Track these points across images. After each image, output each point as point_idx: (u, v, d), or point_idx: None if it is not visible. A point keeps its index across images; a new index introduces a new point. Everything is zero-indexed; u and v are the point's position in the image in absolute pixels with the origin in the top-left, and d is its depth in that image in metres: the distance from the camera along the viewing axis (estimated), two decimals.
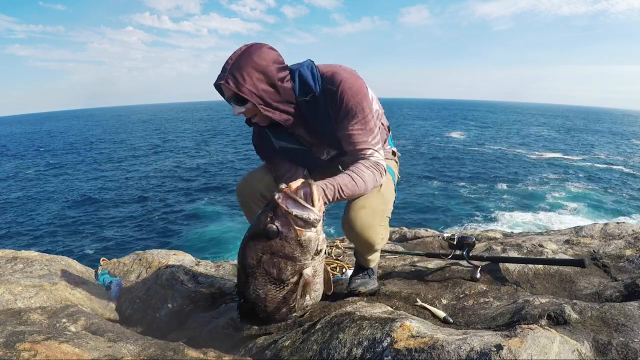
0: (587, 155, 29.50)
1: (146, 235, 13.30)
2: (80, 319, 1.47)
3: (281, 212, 1.09)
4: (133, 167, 26.53)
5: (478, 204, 16.39)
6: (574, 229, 2.66)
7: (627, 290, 1.47)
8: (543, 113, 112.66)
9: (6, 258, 2.09)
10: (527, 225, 13.76)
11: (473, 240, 1.90)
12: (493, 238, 2.86)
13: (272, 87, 1.24)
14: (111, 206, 17.03)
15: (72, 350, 1.11)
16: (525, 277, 1.76)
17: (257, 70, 1.20)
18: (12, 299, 1.67)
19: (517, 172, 22.93)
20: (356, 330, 1.21)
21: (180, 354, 1.20)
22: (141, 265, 2.57)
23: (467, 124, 61.48)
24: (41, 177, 24.23)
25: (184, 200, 17.45)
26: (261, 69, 1.20)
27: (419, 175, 21.93)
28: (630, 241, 2.05)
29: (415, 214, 15.08)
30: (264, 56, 1.22)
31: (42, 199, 18.73)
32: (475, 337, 1.03)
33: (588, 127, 61.96)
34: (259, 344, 1.45)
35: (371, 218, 1.37)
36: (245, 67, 1.19)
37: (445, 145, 33.99)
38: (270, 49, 1.26)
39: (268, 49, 1.24)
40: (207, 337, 1.68)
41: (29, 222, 15.14)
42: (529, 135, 44.72)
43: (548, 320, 1.22)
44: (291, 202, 1.08)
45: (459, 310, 1.52)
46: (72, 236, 13.55)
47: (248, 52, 1.21)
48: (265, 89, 1.22)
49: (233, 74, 1.19)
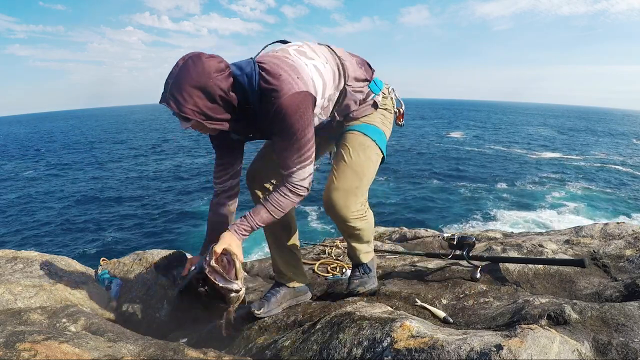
0: (587, 155, 29.51)
1: (146, 235, 13.30)
2: (80, 319, 1.47)
3: (209, 282, 1.31)
4: (133, 167, 26.53)
5: (478, 204, 16.39)
6: (574, 229, 2.66)
7: (627, 290, 1.47)
8: (543, 113, 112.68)
9: (6, 258, 2.09)
10: (527, 223, 13.77)
11: (473, 240, 1.90)
12: (493, 238, 2.86)
13: (214, 102, 1.21)
14: (111, 206, 17.03)
15: (72, 350, 1.11)
16: (525, 277, 1.76)
17: (197, 88, 1.16)
18: (12, 299, 1.67)
19: (517, 172, 22.93)
20: (356, 330, 1.21)
21: (180, 354, 1.20)
22: (141, 265, 2.57)
23: (467, 124, 61.49)
24: (41, 177, 24.24)
25: (184, 200, 17.45)
26: (201, 86, 1.17)
27: (419, 175, 21.93)
28: (630, 241, 2.05)
29: (415, 214, 15.08)
30: (203, 70, 1.17)
31: (42, 199, 18.73)
32: (475, 337, 1.03)
33: (588, 127, 61.97)
34: (259, 344, 1.45)
35: (343, 199, 1.46)
36: (185, 86, 1.16)
37: (445, 145, 33.99)
38: (210, 57, 1.21)
39: (207, 59, 1.19)
40: (207, 337, 1.68)
41: (29, 222, 15.14)
42: (529, 135, 44.72)
43: (548, 320, 1.22)
44: (218, 276, 1.30)
45: (459, 310, 1.52)
46: (72, 236, 13.55)
47: (186, 69, 1.17)
48: (207, 105, 1.20)
49: (173, 94, 1.17)
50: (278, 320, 1.60)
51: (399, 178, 21.11)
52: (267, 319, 1.64)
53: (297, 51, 1.34)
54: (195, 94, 1.17)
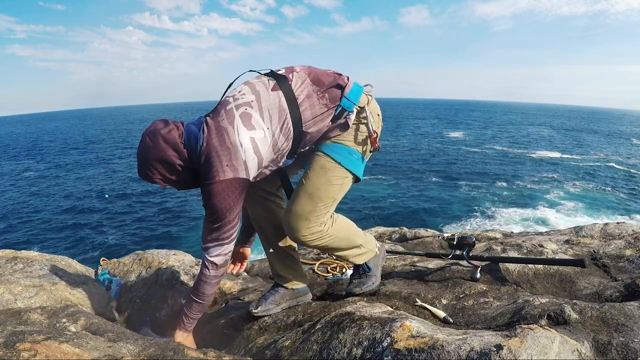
0: (587, 155, 29.51)
1: (146, 235, 13.31)
2: (80, 319, 1.47)
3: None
4: (133, 167, 26.51)
5: (478, 204, 16.39)
6: (574, 229, 2.66)
7: (627, 290, 1.47)
8: (543, 113, 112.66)
9: (6, 258, 2.09)
10: (526, 222, 13.78)
11: (473, 240, 1.90)
12: (493, 238, 2.86)
13: (175, 170, 1.39)
14: (112, 206, 17.04)
15: (72, 350, 1.11)
16: (525, 277, 1.76)
17: (158, 161, 1.36)
18: (12, 299, 1.67)
19: (517, 171, 22.93)
20: (356, 330, 1.21)
21: (180, 354, 1.20)
22: (141, 265, 2.57)
23: (467, 123, 61.48)
24: (41, 177, 24.23)
25: (184, 200, 17.45)
26: (160, 159, 1.36)
27: (419, 175, 21.94)
28: (630, 241, 2.05)
29: (415, 214, 15.09)
30: (160, 145, 1.35)
31: (42, 199, 18.73)
32: (475, 337, 1.03)
33: (588, 127, 61.97)
34: (259, 344, 1.45)
35: (294, 222, 1.48)
36: (149, 161, 1.37)
37: (445, 145, 33.99)
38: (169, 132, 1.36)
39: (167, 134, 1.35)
40: (207, 337, 1.68)
41: (29, 222, 15.14)
42: (529, 135, 44.73)
43: (548, 320, 1.22)
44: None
45: (459, 310, 1.52)
46: (72, 236, 13.56)
47: (146, 146, 1.36)
48: (171, 173, 1.40)
49: (144, 170, 1.39)
50: (278, 320, 1.60)
51: (399, 178, 21.12)
52: (267, 318, 1.63)
53: (243, 116, 1.33)
54: (158, 167, 1.37)
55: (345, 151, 1.49)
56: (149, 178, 1.41)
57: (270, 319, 1.62)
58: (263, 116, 1.36)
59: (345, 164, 1.48)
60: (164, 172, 1.39)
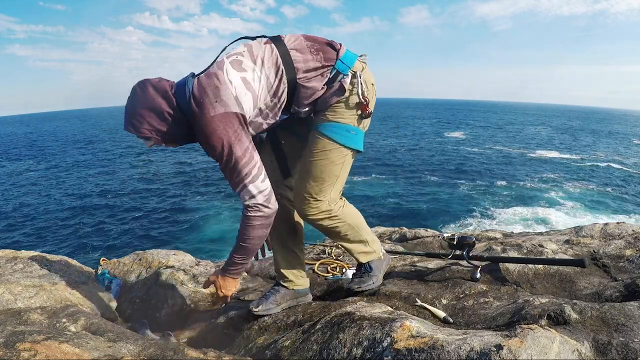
0: (587, 155, 29.51)
1: (146, 235, 13.30)
2: (80, 319, 1.47)
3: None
4: (133, 166, 26.53)
5: (478, 204, 16.39)
6: (574, 229, 2.66)
7: (627, 290, 1.47)
8: (543, 113, 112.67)
9: (6, 258, 2.09)
10: (526, 222, 13.77)
11: (473, 240, 1.90)
12: (493, 238, 2.86)
13: (164, 120, 1.35)
14: (111, 206, 17.03)
15: (72, 350, 1.11)
16: (525, 277, 1.76)
17: (147, 109, 1.33)
18: (12, 299, 1.67)
19: (517, 171, 22.93)
20: (356, 330, 1.21)
21: (180, 354, 1.20)
22: (141, 265, 2.58)
23: (467, 123, 61.48)
24: (41, 177, 24.24)
25: (184, 200, 17.45)
26: (150, 107, 1.33)
27: (419, 175, 21.94)
28: (630, 241, 2.05)
29: (415, 214, 15.09)
30: (149, 93, 1.32)
31: (42, 199, 18.73)
32: (475, 337, 1.03)
33: (588, 127, 61.97)
34: (259, 344, 1.45)
35: (300, 202, 1.52)
36: (137, 109, 1.33)
37: (445, 145, 33.98)
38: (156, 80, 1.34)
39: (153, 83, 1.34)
40: (207, 337, 1.68)
41: (29, 222, 15.14)
42: (528, 135, 44.73)
43: (548, 320, 1.22)
44: None
45: (459, 310, 1.52)
46: (72, 236, 13.55)
47: (136, 95, 1.34)
48: (160, 123, 1.35)
49: (130, 120, 1.35)
50: (278, 320, 1.60)
51: (399, 178, 21.12)
52: (267, 318, 1.64)
53: (233, 62, 1.34)
54: (146, 115, 1.33)
55: (344, 129, 1.49)
56: (136, 128, 1.35)
57: (270, 319, 1.62)
58: (255, 62, 1.37)
59: (346, 143, 1.49)
60: (152, 122, 1.34)
